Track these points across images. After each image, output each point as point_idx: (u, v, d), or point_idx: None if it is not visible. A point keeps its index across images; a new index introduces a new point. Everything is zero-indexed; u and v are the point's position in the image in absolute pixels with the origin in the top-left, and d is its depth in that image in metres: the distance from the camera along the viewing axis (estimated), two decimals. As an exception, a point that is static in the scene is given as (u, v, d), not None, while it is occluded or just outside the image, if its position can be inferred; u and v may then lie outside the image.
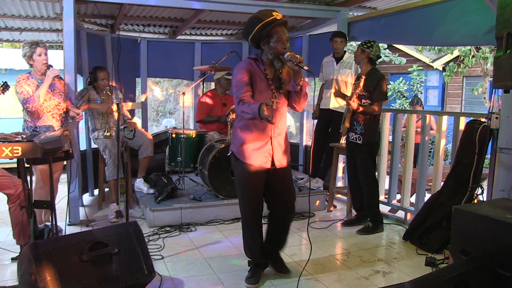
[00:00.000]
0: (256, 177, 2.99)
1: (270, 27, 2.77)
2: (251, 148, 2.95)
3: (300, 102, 2.96)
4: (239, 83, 2.83)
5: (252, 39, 2.85)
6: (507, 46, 2.68)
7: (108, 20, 6.20)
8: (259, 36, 2.81)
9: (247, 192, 3.03)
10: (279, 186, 3.08)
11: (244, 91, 2.80)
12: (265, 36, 2.80)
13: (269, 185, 3.05)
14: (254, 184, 3.00)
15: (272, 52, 2.82)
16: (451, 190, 3.77)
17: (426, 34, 4.50)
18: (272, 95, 2.92)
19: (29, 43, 3.77)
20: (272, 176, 3.03)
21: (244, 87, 2.81)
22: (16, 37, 7.27)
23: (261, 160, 2.96)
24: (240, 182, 3.04)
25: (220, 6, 4.98)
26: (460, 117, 4.04)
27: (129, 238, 2.80)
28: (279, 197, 3.11)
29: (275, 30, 2.79)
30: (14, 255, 3.43)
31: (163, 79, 15.24)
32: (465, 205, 3.45)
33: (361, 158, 4.15)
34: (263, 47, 2.87)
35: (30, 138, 2.84)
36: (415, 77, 12.06)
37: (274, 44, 2.79)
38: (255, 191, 3.02)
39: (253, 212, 3.05)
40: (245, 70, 2.86)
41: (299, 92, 2.89)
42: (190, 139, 4.87)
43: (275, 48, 2.80)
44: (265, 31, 2.78)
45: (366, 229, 4.20)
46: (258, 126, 2.92)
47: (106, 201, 5.05)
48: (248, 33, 2.86)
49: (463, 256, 2.77)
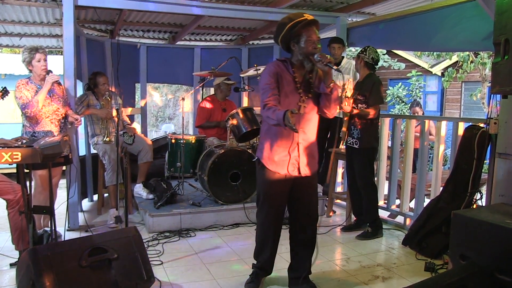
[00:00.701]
0: (279, 186, 2.88)
1: (299, 26, 2.70)
2: (277, 155, 2.84)
3: (331, 107, 2.83)
4: (265, 87, 2.75)
5: (282, 39, 2.78)
6: (504, 52, 2.70)
7: (107, 25, 6.22)
8: (289, 36, 2.74)
9: (268, 201, 2.92)
10: (303, 196, 2.96)
11: (269, 95, 2.71)
12: (294, 36, 2.73)
13: (294, 194, 2.94)
14: (277, 193, 2.89)
15: (302, 52, 2.75)
16: (450, 195, 3.77)
17: (425, 39, 4.52)
18: (299, 99, 2.81)
19: (29, 49, 3.78)
20: (297, 185, 2.91)
21: (269, 91, 2.73)
22: (16, 42, 7.29)
23: (288, 168, 2.85)
24: (262, 190, 2.93)
25: (219, 12, 4.99)
26: (459, 123, 4.06)
27: (129, 243, 2.80)
28: (301, 208, 2.98)
29: (305, 30, 2.72)
30: (13, 261, 3.43)
31: (163, 85, 15.26)
32: (464, 210, 3.44)
33: (358, 163, 4.16)
34: (293, 47, 2.78)
35: (30, 143, 2.85)
36: (414, 83, 12.09)
37: (304, 44, 2.72)
38: (277, 200, 2.92)
39: (271, 221, 2.96)
40: (272, 73, 2.77)
41: (329, 95, 2.79)
42: (189, 145, 4.88)
43: (305, 48, 2.73)
44: (295, 31, 2.71)
45: (365, 234, 4.20)
46: (285, 132, 2.79)
47: (106, 207, 5.05)
48: (278, 33, 2.78)
49: (463, 261, 2.76)
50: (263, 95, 2.74)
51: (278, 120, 2.56)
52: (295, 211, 3.01)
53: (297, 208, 2.99)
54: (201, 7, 4.82)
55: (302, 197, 2.97)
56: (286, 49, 2.84)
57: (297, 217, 3.02)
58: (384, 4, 5.17)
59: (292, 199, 2.96)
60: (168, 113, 16.81)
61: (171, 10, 4.86)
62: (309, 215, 3.01)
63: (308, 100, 2.85)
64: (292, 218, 3.05)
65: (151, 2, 4.59)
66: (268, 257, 3.05)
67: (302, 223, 3.01)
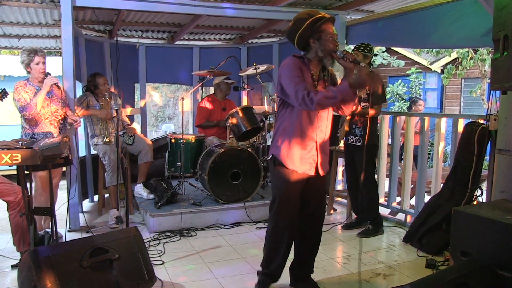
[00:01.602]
0: (297, 185, 2.79)
1: (320, 22, 2.64)
2: (296, 153, 2.75)
3: (350, 104, 2.73)
4: (295, 79, 2.61)
5: (301, 35, 2.66)
6: (504, 48, 2.69)
7: (106, 26, 6.21)
8: (309, 32, 2.65)
9: (286, 201, 2.79)
10: (314, 195, 2.90)
11: (304, 86, 2.59)
12: (315, 32, 2.65)
13: (306, 193, 2.87)
14: (293, 193, 2.80)
15: (324, 49, 2.65)
16: (450, 192, 3.77)
17: (424, 36, 4.52)
18: None
19: (28, 50, 3.77)
20: (311, 184, 2.84)
21: (303, 83, 2.60)
22: (15, 43, 7.28)
23: (305, 166, 2.77)
24: (280, 189, 2.80)
25: (218, 11, 4.99)
26: (459, 119, 4.05)
27: (130, 243, 2.80)
28: (311, 207, 2.91)
29: (327, 26, 2.66)
30: (14, 262, 3.43)
31: (162, 85, 15.26)
32: (465, 206, 3.45)
33: (360, 160, 4.14)
34: (313, 44, 2.68)
35: (29, 145, 2.85)
36: (413, 80, 12.09)
37: (326, 41, 2.64)
38: (293, 201, 2.81)
39: (288, 223, 2.82)
40: (298, 67, 2.67)
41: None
42: (189, 144, 4.88)
43: (327, 45, 2.64)
44: (316, 27, 2.63)
45: (366, 232, 4.20)
46: (304, 129, 2.74)
47: (106, 207, 5.05)
48: (296, 30, 2.67)
49: (463, 257, 2.77)
50: (298, 85, 2.59)
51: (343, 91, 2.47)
52: (306, 211, 2.91)
53: (308, 209, 2.91)
54: (199, 6, 4.81)
55: (315, 197, 2.92)
56: (302, 45, 2.73)
57: (307, 217, 2.93)
58: (383, 2, 5.17)
59: (304, 199, 2.87)
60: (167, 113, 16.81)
61: (170, 10, 4.85)
62: (319, 215, 2.99)
63: None
64: (302, 218, 2.91)
65: (149, 2, 4.58)
66: (280, 264, 2.91)
67: (311, 223, 2.96)
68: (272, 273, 2.94)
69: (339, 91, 2.50)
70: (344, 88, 2.48)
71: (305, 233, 2.97)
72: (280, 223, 2.84)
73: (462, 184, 3.70)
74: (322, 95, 2.53)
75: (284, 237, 2.85)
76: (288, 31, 2.79)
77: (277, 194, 2.82)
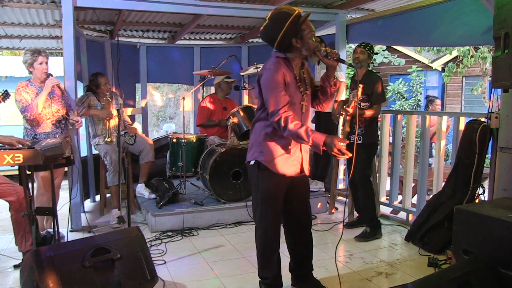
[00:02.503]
0: (282, 188, 2.76)
1: (301, 20, 2.54)
2: (284, 157, 2.70)
3: (329, 100, 2.77)
4: (277, 92, 2.55)
5: (284, 36, 2.52)
6: (505, 46, 2.69)
7: (107, 26, 6.22)
8: (292, 32, 2.53)
9: (274, 206, 2.75)
10: (299, 195, 2.87)
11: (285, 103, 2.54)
12: (298, 31, 2.54)
13: (292, 194, 2.83)
14: (280, 197, 2.77)
15: (308, 47, 2.58)
16: (452, 190, 3.77)
17: (424, 35, 4.51)
18: (301, 98, 2.71)
19: (31, 50, 3.79)
20: (295, 184, 2.81)
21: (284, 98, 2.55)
22: (16, 44, 7.30)
23: (292, 168, 2.74)
24: (267, 194, 2.72)
25: (218, 11, 4.99)
26: (460, 117, 4.05)
27: (131, 243, 2.80)
28: (297, 207, 2.89)
29: (307, 24, 2.57)
30: (16, 262, 3.44)
31: (163, 84, 15.27)
32: (467, 205, 3.45)
33: (359, 157, 4.03)
34: (296, 44, 2.57)
35: (31, 145, 2.86)
36: (414, 78, 12.09)
37: (309, 38, 2.56)
38: (279, 205, 2.79)
39: (277, 224, 2.81)
40: (281, 75, 2.58)
41: (328, 90, 2.72)
42: (190, 144, 4.88)
43: (310, 43, 2.57)
44: (298, 25, 2.53)
45: (364, 235, 4.10)
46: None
47: (108, 207, 5.06)
48: (277, 31, 2.53)
49: (466, 256, 2.77)
50: (277, 100, 2.53)
51: (315, 145, 2.46)
52: (294, 211, 2.89)
53: (296, 208, 2.88)
54: (200, 6, 4.82)
55: (301, 196, 2.89)
56: (284, 46, 2.59)
57: (296, 217, 2.91)
58: (383, 0, 5.16)
59: (289, 199, 2.83)
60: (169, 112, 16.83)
61: (170, 10, 4.85)
62: (308, 213, 2.96)
63: (308, 97, 2.76)
64: (290, 218, 2.92)
65: (150, 2, 4.59)
66: (277, 271, 2.87)
67: (302, 222, 2.94)
68: (273, 282, 2.88)
69: (312, 140, 2.47)
70: (317, 142, 2.46)
71: (296, 232, 2.94)
72: (270, 227, 2.80)
73: (464, 183, 3.69)
74: (295, 131, 2.49)
75: (275, 240, 2.82)
76: (265, 32, 2.63)
77: (264, 200, 2.75)
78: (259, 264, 2.90)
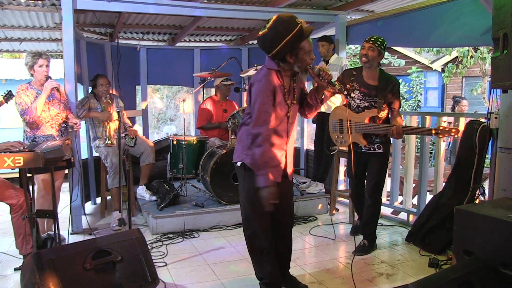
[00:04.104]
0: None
1: (301, 39, 2.53)
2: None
3: (313, 111, 2.88)
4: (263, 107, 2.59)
5: (279, 51, 2.54)
6: (503, 47, 2.70)
7: (107, 28, 6.23)
8: (288, 49, 2.54)
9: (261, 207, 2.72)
10: (285, 198, 2.91)
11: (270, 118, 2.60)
12: (294, 49, 2.55)
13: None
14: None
15: (301, 65, 2.61)
16: (452, 190, 3.77)
17: (424, 36, 4.52)
18: (287, 109, 2.73)
19: (33, 53, 3.82)
20: (278, 185, 2.78)
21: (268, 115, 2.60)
22: (16, 47, 7.32)
23: (277, 173, 2.74)
24: (253, 195, 2.72)
25: (218, 13, 5.00)
26: (460, 118, 4.06)
27: (132, 245, 2.81)
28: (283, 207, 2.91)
29: (306, 42, 2.57)
30: (17, 265, 3.43)
31: (163, 86, 15.28)
32: (467, 205, 3.45)
33: (379, 167, 3.71)
34: (289, 59, 2.59)
35: (31, 148, 2.86)
36: (414, 79, 12.10)
37: (303, 57, 2.59)
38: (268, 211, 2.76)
39: (265, 224, 2.83)
40: (271, 90, 2.61)
41: (318, 104, 2.80)
42: (191, 146, 4.89)
43: (304, 61, 2.60)
44: (296, 44, 2.53)
45: (363, 249, 3.84)
46: (276, 142, 2.71)
47: (109, 209, 5.06)
48: (273, 46, 2.54)
49: (466, 256, 2.77)
50: (263, 114, 2.59)
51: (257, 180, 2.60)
52: (277, 211, 2.84)
53: (279, 209, 2.84)
54: (200, 8, 4.82)
55: (284, 199, 2.88)
56: (278, 58, 2.61)
57: (279, 217, 2.92)
58: (383, 1, 5.17)
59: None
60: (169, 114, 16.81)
61: (170, 12, 4.86)
62: (290, 215, 3.07)
63: (294, 108, 2.80)
64: (273, 218, 2.90)
65: (150, 5, 4.60)
66: (271, 268, 2.87)
67: (284, 222, 3.01)
68: (271, 282, 2.90)
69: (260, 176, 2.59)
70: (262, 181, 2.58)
71: (279, 232, 2.99)
72: (257, 227, 2.83)
73: (464, 183, 3.70)
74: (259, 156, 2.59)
75: (265, 239, 2.84)
76: (262, 41, 2.63)
77: (251, 199, 2.78)
78: (254, 265, 2.95)
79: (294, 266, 3.42)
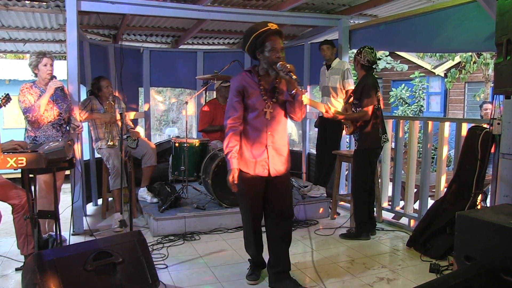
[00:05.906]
0: (253, 185, 3.03)
1: (264, 36, 2.82)
2: (249, 157, 2.99)
3: (296, 111, 2.99)
4: (229, 105, 2.99)
5: (248, 48, 2.92)
6: (507, 52, 2.70)
7: (111, 30, 6.25)
8: (254, 45, 2.88)
9: (244, 198, 3.10)
10: (275, 195, 3.08)
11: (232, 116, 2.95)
12: (259, 45, 2.85)
13: (267, 193, 3.08)
14: (250, 191, 3.05)
15: (267, 61, 2.88)
16: (454, 196, 3.76)
17: (427, 41, 4.52)
18: (265, 105, 2.95)
19: (37, 53, 3.85)
20: (270, 185, 3.05)
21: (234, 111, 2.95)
22: (20, 48, 7.34)
23: (258, 169, 3.00)
24: (239, 191, 3.04)
25: (221, 16, 5.01)
26: (462, 123, 4.05)
27: (133, 247, 2.81)
28: (275, 206, 3.10)
29: (269, 39, 2.83)
30: (18, 266, 3.44)
31: (166, 89, 15.29)
32: (469, 211, 3.44)
33: (354, 164, 4.20)
34: (258, 56, 2.92)
35: (34, 148, 2.87)
36: (417, 84, 12.09)
37: (268, 53, 2.84)
38: (251, 198, 3.07)
39: (250, 219, 3.13)
40: (236, 90, 2.96)
41: (293, 101, 2.93)
42: (193, 148, 4.89)
43: (269, 57, 2.85)
44: (259, 40, 2.83)
45: (349, 234, 4.20)
46: (254, 135, 2.98)
47: (110, 211, 5.07)
48: (245, 43, 2.93)
49: (467, 262, 2.76)
50: (227, 112, 2.99)
51: (228, 163, 2.93)
52: (269, 209, 3.13)
53: (270, 206, 3.12)
54: (203, 10, 4.84)
55: (275, 196, 3.09)
56: (253, 57, 2.98)
57: (271, 215, 3.14)
58: (386, 6, 5.18)
59: (269, 198, 3.10)
60: (171, 116, 16.82)
61: (174, 14, 4.87)
62: (282, 212, 3.12)
63: (275, 105, 2.98)
64: (266, 215, 3.18)
65: (153, 7, 4.61)
66: (255, 251, 3.24)
67: (276, 220, 3.12)
68: (254, 259, 3.30)
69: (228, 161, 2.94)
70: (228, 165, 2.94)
71: (275, 230, 3.14)
72: (244, 217, 3.21)
73: (466, 188, 3.69)
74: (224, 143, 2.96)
75: (249, 228, 3.18)
76: (241, 44, 3.05)
77: (238, 195, 3.14)
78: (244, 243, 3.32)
79: (295, 270, 3.42)
